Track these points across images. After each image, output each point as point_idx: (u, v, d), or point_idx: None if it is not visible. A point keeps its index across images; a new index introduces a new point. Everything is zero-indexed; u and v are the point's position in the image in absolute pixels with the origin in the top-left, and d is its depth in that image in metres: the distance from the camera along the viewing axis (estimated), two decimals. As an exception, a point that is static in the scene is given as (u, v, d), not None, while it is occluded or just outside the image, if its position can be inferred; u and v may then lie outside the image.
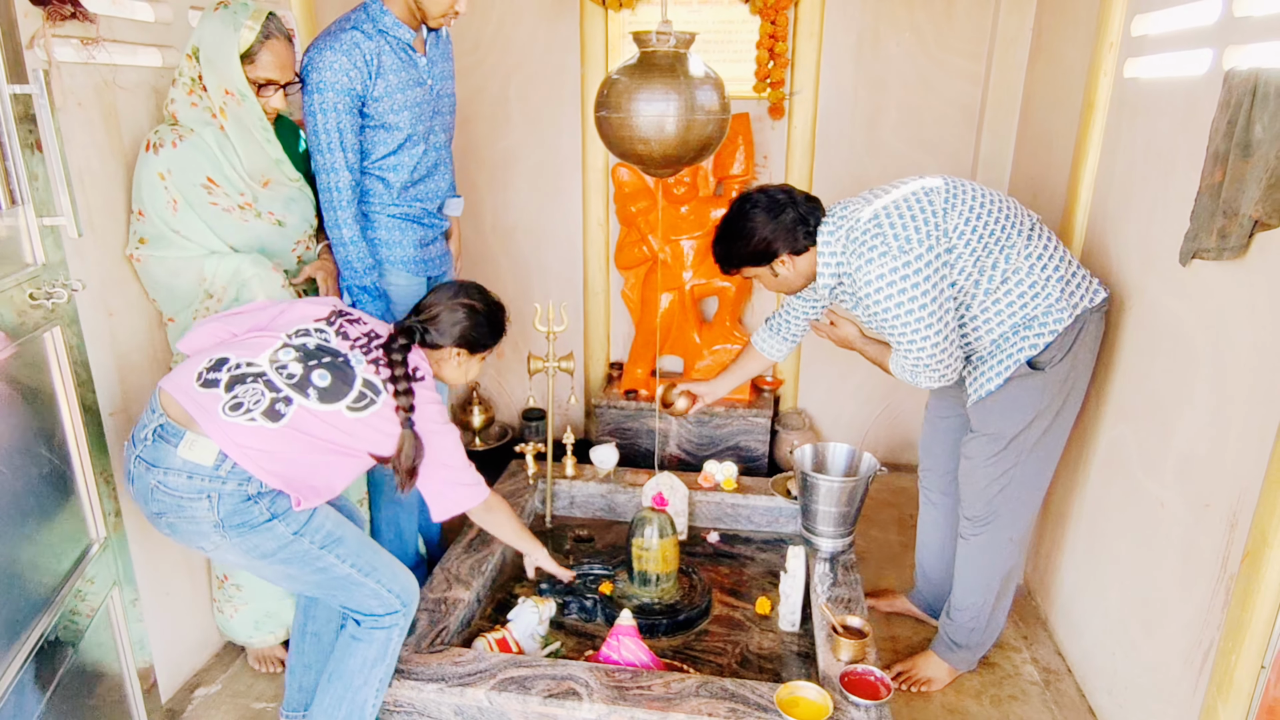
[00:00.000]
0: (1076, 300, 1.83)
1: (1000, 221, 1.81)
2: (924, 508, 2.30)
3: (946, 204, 1.78)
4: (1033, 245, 1.82)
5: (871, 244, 1.75)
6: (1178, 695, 1.66)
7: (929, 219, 1.76)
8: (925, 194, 1.79)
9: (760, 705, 1.70)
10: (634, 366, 3.31)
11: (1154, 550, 1.80)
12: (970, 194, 1.82)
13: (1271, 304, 1.44)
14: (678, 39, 1.95)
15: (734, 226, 1.88)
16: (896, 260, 1.73)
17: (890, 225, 1.75)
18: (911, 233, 1.74)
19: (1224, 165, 1.55)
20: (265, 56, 1.79)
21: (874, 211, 1.78)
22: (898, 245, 1.73)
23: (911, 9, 2.99)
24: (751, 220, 1.86)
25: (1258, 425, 1.45)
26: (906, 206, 1.77)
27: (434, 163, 2.22)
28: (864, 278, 1.77)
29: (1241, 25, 1.60)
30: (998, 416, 1.91)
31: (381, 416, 1.60)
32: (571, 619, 2.24)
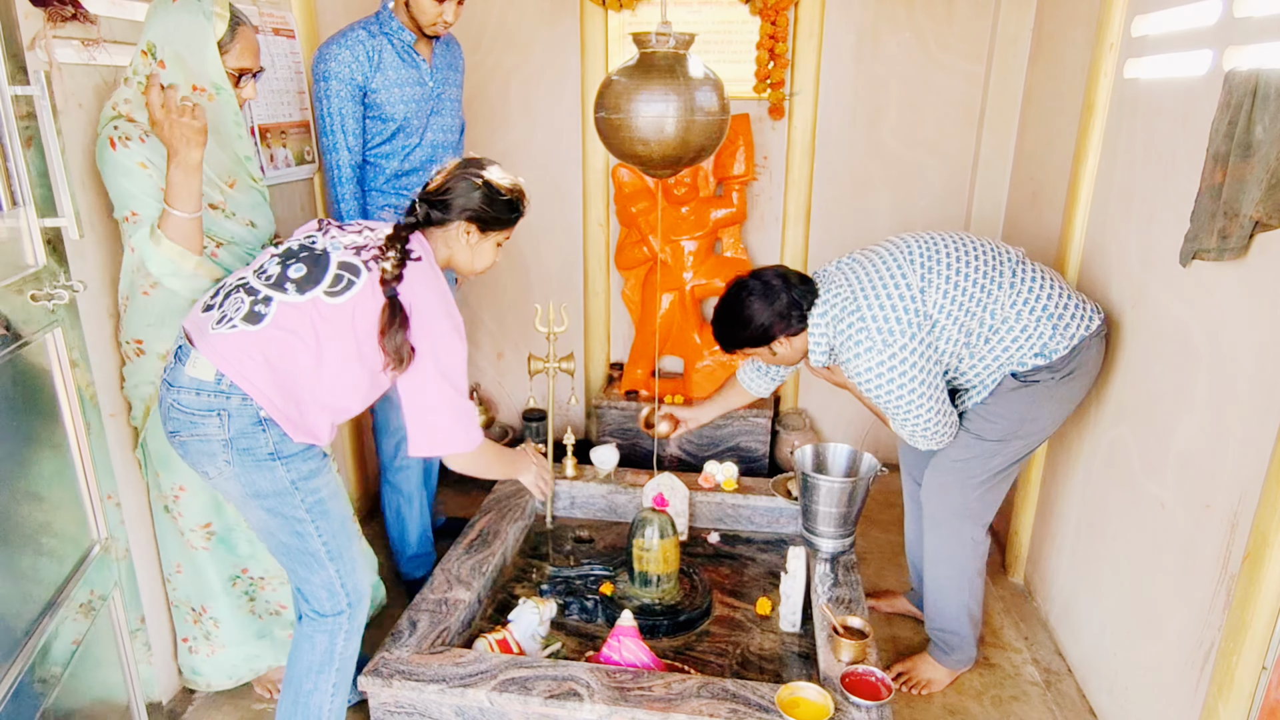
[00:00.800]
0: (1073, 332, 1.87)
1: (979, 281, 1.84)
2: (909, 506, 2.33)
3: (923, 281, 1.83)
4: (1017, 292, 1.85)
5: (857, 339, 1.83)
6: (1178, 696, 1.66)
7: (908, 305, 1.81)
8: (901, 275, 1.84)
9: (761, 706, 1.70)
10: (634, 367, 3.31)
11: (1154, 551, 1.80)
12: (946, 259, 1.85)
13: (1272, 305, 1.44)
14: (677, 40, 1.95)
15: (731, 312, 1.94)
16: (882, 354, 1.80)
17: (873, 318, 1.81)
18: (894, 324, 1.80)
19: (1224, 166, 1.55)
20: (239, 45, 1.71)
21: (855, 303, 1.84)
22: (881, 339, 1.80)
23: (911, 9, 2.99)
24: (748, 307, 1.91)
25: (1258, 426, 1.45)
26: (886, 295, 1.82)
27: (428, 158, 2.37)
28: (853, 369, 1.86)
29: (1242, 26, 1.60)
30: (980, 420, 1.95)
31: (365, 296, 1.50)
32: (572, 620, 2.24)
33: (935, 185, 3.17)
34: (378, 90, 2.20)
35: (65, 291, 1.47)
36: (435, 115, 2.34)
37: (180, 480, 1.80)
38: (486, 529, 2.43)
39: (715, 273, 3.19)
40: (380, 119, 2.24)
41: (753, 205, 3.26)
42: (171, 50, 1.61)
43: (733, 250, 3.24)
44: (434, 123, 2.35)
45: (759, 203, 3.27)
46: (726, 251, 3.25)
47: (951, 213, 3.18)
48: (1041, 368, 1.87)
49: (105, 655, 1.65)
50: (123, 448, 1.84)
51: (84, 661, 1.54)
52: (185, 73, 1.64)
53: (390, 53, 2.21)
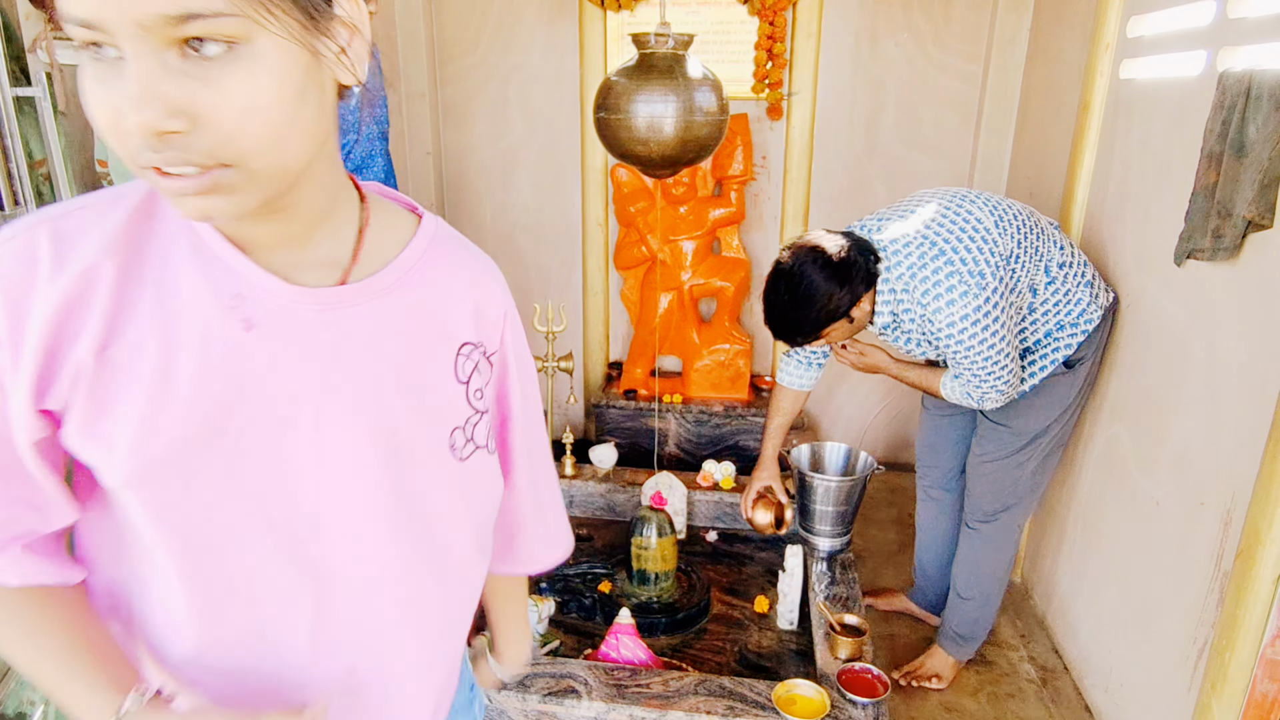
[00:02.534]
0: (1102, 300, 1.88)
1: (1038, 234, 1.79)
2: (924, 505, 2.31)
3: (998, 227, 1.72)
4: (1064, 254, 1.83)
5: (949, 284, 1.66)
6: (1173, 692, 1.67)
7: (993, 248, 1.69)
8: (977, 219, 1.71)
9: (758, 703, 1.71)
10: (633, 366, 3.32)
11: (1149, 548, 1.81)
12: (1008, 211, 1.76)
13: (1264, 304, 1.45)
14: (676, 40, 1.96)
15: (802, 291, 1.71)
16: (977, 299, 1.66)
17: (962, 261, 1.66)
18: (984, 266, 1.66)
19: (1218, 166, 1.56)
20: None
21: (939, 248, 1.69)
22: (976, 283, 1.65)
23: (909, 10, 2.99)
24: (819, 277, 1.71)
25: (1250, 424, 1.46)
26: (969, 237, 1.68)
27: (367, 153, 2.26)
28: (944, 319, 1.69)
29: (1236, 26, 1.61)
30: (1026, 413, 1.93)
31: None
32: (571, 618, 2.25)
33: (933, 184, 3.16)
34: None
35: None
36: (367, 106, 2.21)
37: None
38: (485, 527, 2.44)
39: (714, 272, 3.20)
40: None
41: (751, 205, 3.27)
42: None
43: (731, 250, 3.25)
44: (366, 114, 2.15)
45: (757, 202, 3.28)
46: (725, 251, 3.26)
47: (949, 212, 3.19)
48: (1081, 344, 1.85)
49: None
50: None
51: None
52: None
53: None
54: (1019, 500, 2.02)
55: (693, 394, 3.25)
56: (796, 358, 2.17)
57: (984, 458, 2.01)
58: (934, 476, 2.26)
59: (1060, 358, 1.87)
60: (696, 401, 3.21)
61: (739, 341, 3.23)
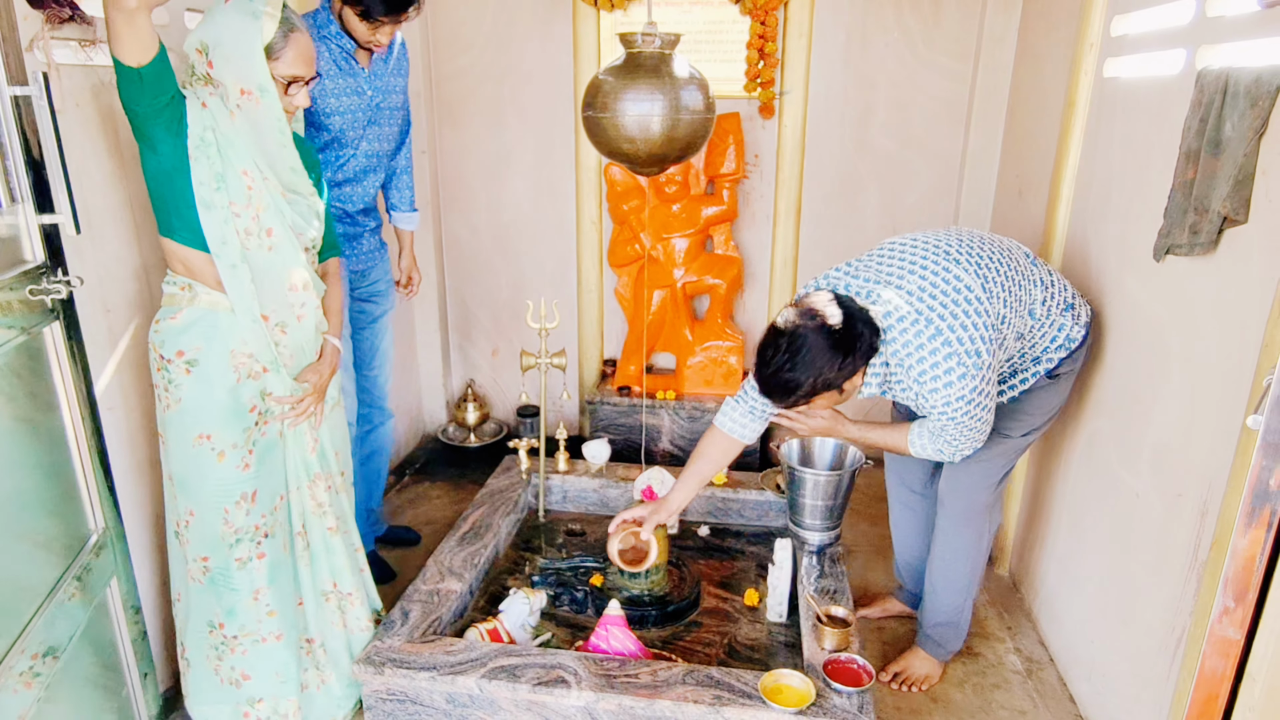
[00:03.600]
0: (1084, 318, 1.90)
1: (1019, 281, 1.80)
2: (898, 511, 2.31)
3: (985, 290, 1.71)
4: (1044, 289, 1.85)
5: (948, 365, 1.67)
6: (1153, 680, 1.69)
7: (985, 319, 1.69)
8: (966, 287, 1.70)
9: (745, 693, 1.74)
10: (627, 363, 3.35)
11: (1131, 540, 1.84)
12: (991, 264, 1.75)
13: (1239, 298, 1.47)
14: (663, 40, 1.98)
15: (805, 360, 1.67)
16: (974, 378, 1.67)
17: (959, 341, 1.66)
18: (980, 343, 1.67)
19: (1196, 163, 1.59)
20: (291, 51, 1.60)
21: (935, 327, 1.67)
22: (973, 362, 1.67)
23: (900, 9, 3.02)
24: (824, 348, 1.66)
25: (1226, 416, 1.48)
26: (964, 311, 1.68)
27: (363, 169, 2.26)
28: (940, 398, 1.70)
29: (1214, 25, 1.63)
30: (1007, 419, 1.95)
31: None
32: (562, 610, 2.27)
33: (923, 182, 3.21)
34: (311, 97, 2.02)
35: (62, 286, 1.50)
36: (373, 125, 2.21)
37: (191, 505, 1.71)
38: (479, 522, 2.47)
39: (706, 270, 3.22)
40: (313, 126, 2.12)
41: (743, 203, 3.29)
42: (221, 52, 1.54)
43: (724, 248, 3.27)
44: (370, 133, 2.21)
45: (750, 200, 3.31)
46: (718, 249, 3.28)
47: (940, 209, 3.22)
48: (1065, 359, 1.88)
49: (104, 644, 1.69)
50: (119, 440, 1.87)
51: (82, 649, 1.58)
52: (234, 74, 1.55)
53: (327, 59, 2.06)
54: (992, 502, 2.04)
55: (686, 390, 3.28)
56: (747, 404, 2.02)
57: (964, 465, 2.00)
58: (907, 479, 2.26)
59: (1043, 370, 1.90)
60: (689, 398, 3.24)
61: (731, 338, 3.26)
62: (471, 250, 3.52)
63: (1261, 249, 1.41)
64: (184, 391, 1.65)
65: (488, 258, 3.52)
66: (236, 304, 1.64)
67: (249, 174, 1.61)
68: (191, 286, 1.66)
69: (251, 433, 1.71)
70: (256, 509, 1.73)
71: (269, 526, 1.77)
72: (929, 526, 2.24)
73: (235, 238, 1.62)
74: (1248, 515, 1.13)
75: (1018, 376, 1.92)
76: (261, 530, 1.75)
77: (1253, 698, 1.19)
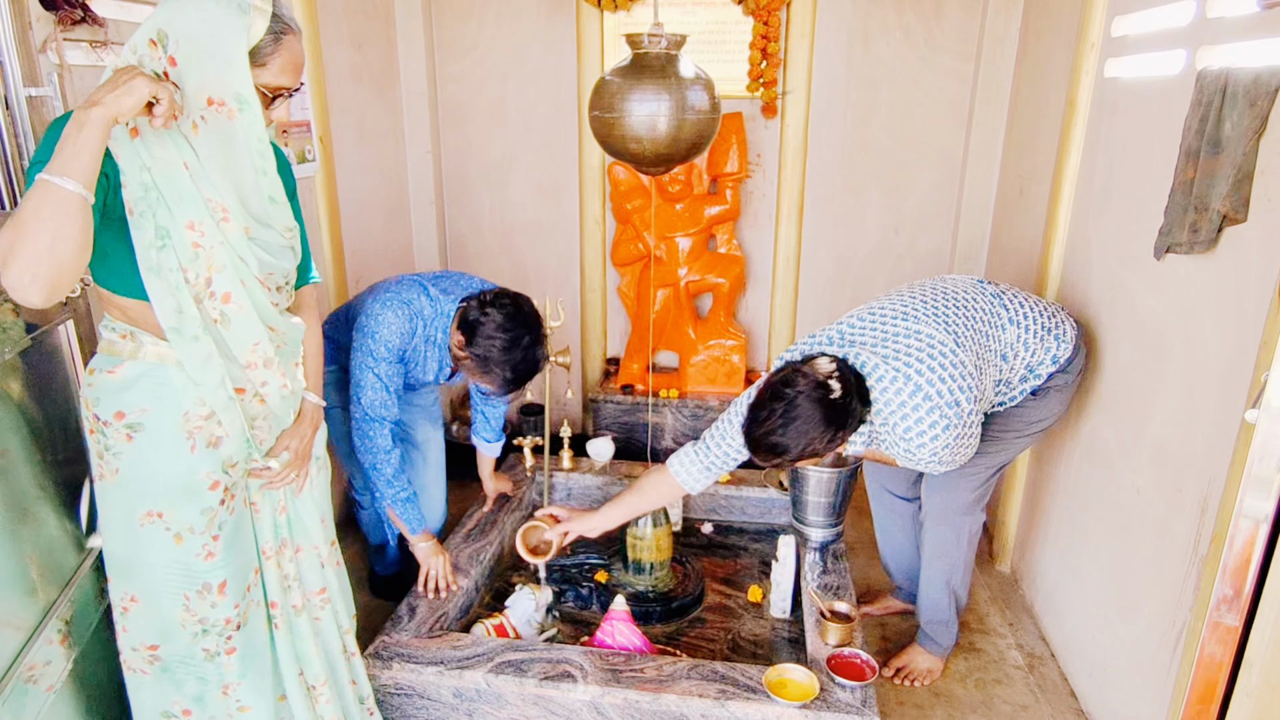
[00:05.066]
0: (1070, 335, 1.93)
1: (990, 334, 1.85)
2: (882, 515, 2.32)
3: (957, 343, 1.76)
4: (1016, 328, 1.88)
5: (931, 420, 1.72)
6: (1153, 675, 1.71)
7: (961, 370, 1.74)
8: (940, 343, 1.75)
9: (749, 687, 1.75)
10: (630, 362, 3.37)
11: (1130, 535, 1.86)
12: (958, 315, 1.81)
13: (1237, 296, 1.49)
14: (669, 41, 2.00)
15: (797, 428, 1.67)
16: (956, 428, 1.74)
17: (939, 394, 1.71)
18: (959, 395, 1.73)
19: (1195, 162, 1.61)
20: (281, 57, 1.29)
21: (914, 383, 1.71)
22: (954, 414, 1.73)
23: (901, 9, 3.04)
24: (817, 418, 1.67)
25: (1225, 412, 1.50)
26: (939, 365, 1.72)
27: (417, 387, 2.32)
28: (928, 452, 1.76)
29: (1214, 26, 1.65)
30: (998, 425, 1.97)
31: None
32: (568, 606, 2.29)
33: (925, 182, 3.23)
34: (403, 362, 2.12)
35: (77, 284, 1.52)
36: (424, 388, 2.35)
37: (135, 590, 1.42)
38: (485, 519, 2.49)
39: (709, 269, 3.24)
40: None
41: (746, 202, 3.31)
42: (190, 48, 1.21)
43: (727, 247, 3.29)
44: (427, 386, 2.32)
45: (752, 200, 3.32)
46: (721, 248, 3.30)
47: (941, 209, 3.23)
48: (1054, 373, 1.92)
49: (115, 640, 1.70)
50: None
51: (93, 644, 1.59)
52: (203, 78, 1.23)
53: (430, 359, 2.15)
54: (978, 501, 2.06)
55: (689, 389, 3.30)
56: (707, 459, 2.02)
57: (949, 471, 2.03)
58: (887, 485, 2.27)
59: (1029, 388, 1.94)
60: (692, 396, 3.26)
61: (734, 337, 3.27)
62: (475, 249, 3.54)
63: (1260, 247, 1.43)
64: (124, 461, 1.34)
65: (491, 257, 3.54)
66: (201, 381, 1.33)
67: (196, 225, 1.26)
68: (134, 335, 1.33)
69: (216, 514, 1.39)
70: (226, 601, 1.42)
71: (240, 616, 1.46)
72: (912, 527, 2.26)
73: (193, 306, 1.29)
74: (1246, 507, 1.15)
75: (1005, 394, 1.95)
76: (233, 623, 1.44)
77: (1250, 684, 1.21)
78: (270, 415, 1.46)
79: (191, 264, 1.26)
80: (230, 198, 1.28)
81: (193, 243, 1.25)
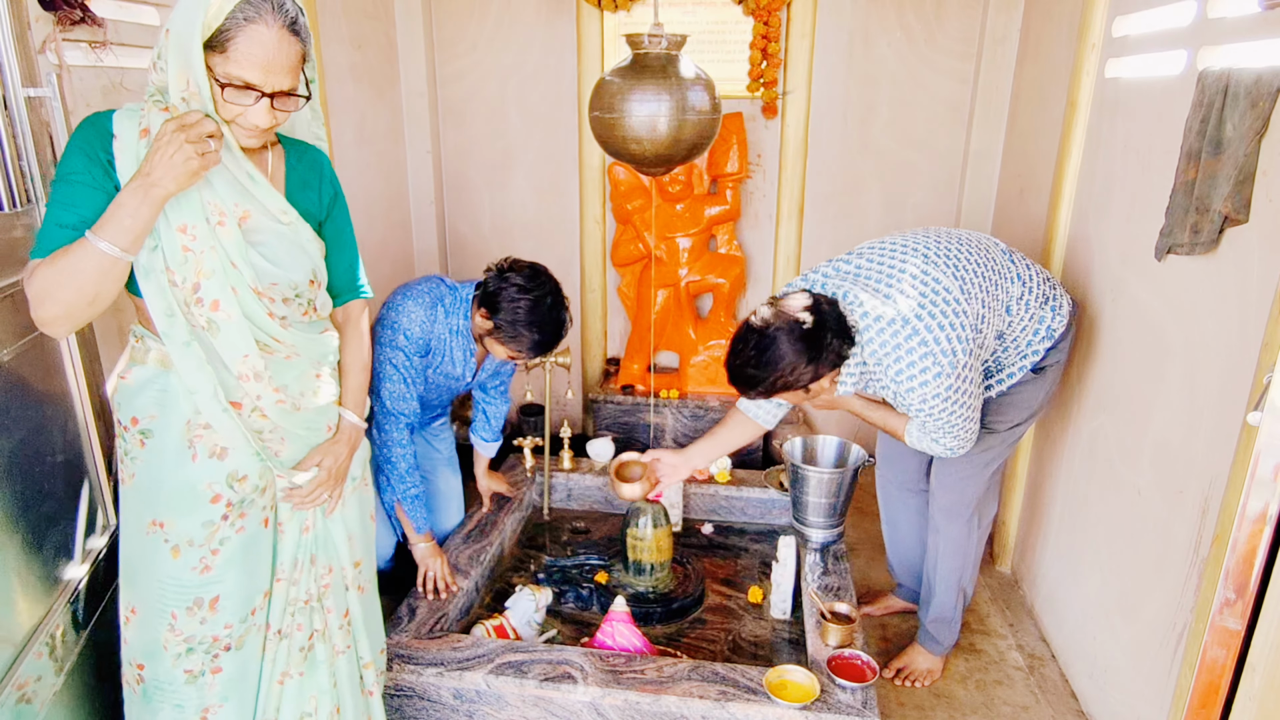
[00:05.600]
0: (1065, 310, 1.92)
1: (996, 280, 1.82)
2: (892, 507, 2.32)
3: (964, 293, 1.74)
4: (1021, 285, 1.87)
5: (924, 365, 1.69)
6: (1154, 676, 1.71)
7: (963, 319, 1.71)
8: (944, 288, 1.73)
9: (750, 688, 1.75)
10: (630, 362, 3.36)
11: (1131, 537, 1.85)
12: (968, 266, 1.78)
13: (1239, 297, 1.49)
14: (669, 41, 2.00)
15: (769, 358, 1.71)
16: (950, 376, 1.70)
17: (935, 342, 1.68)
18: (956, 344, 1.69)
19: (1197, 163, 1.60)
20: (242, 45, 1.16)
21: (911, 327, 1.69)
22: (949, 362, 1.69)
23: (902, 9, 3.03)
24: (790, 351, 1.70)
25: (1226, 413, 1.50)
26: (941, 312, 1.70)
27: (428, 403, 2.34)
28: (917, 396, 1.73)
29: (1215, 26, 1.65)
30: (995, 414, 1.96)
31: None
32: (568, 607, 2.29)
33: (926, 182, 3.22)
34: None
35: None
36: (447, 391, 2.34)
37: (135, 600, 1.39)
38: (485, 520, 2.48)
39: (710, 269, 3.24)
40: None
41: (746, 202, 3.31)
42: (171, 40, 1.18)
43: (727, 247, 3.29)
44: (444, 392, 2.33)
45: (753, 200, 3.32)
46: (721, 248, 3.30)
47: (942, 209, 3.23)
48: (1050, 350, 1.90)
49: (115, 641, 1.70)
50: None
51: (93, 644, 1.59)
52: (176, 67, 1.19)
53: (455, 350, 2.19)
54: (984, 497, 2.05)
55: (689, 389, 3.30)
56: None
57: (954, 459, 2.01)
58: (899, 479, 2.27)
59: (1029, 364, 1.92)
60: (693, 396, 3.26)
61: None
62: (475, 249, 3.54)
63: (1262, 248, 1.43)
64: (139, 466, 1.34)
65: (491, 257, 3.47)
66: (195, 389, 1.29)
67: (189, 229, 1.23)
68: (145, 339, 1.33)
69: (218, 529, 1.34)
70: (217, 618, 1.36)
71: (234, 638, 1.39)
72: (920, 523, 2.26)
73: (180, 311, 1.25)
74: (1248, 509, 1.14)
75: (1004, 371, 1.93)
76: (222, 643, 1.38)
77: (1253, 687, 1.21)
78: (280, 429, 1.39)
79: (180, 268, 1.23)
80: (227, 199, 1.25)
81: (183, 246, 1.23)
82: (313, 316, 1.43)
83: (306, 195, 1.41)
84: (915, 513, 2.27)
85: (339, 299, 1.52)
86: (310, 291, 1.40)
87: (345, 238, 1.49)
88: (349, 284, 1.53)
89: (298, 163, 1.41)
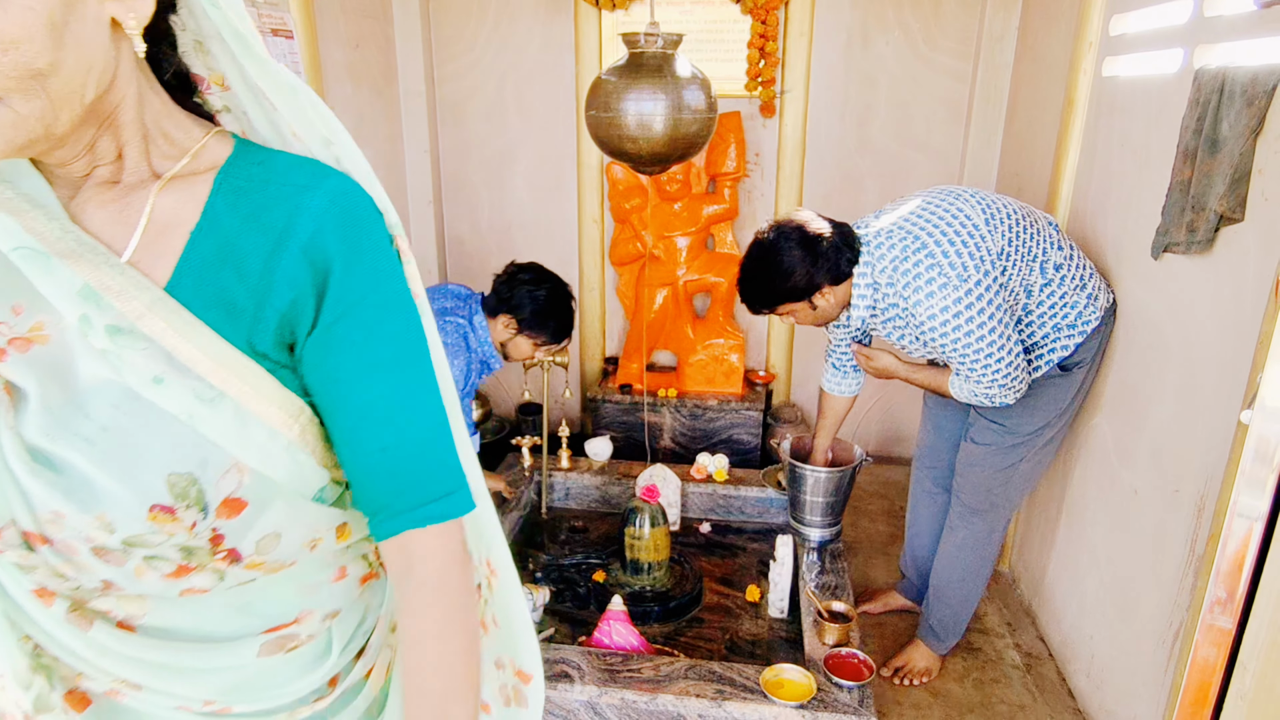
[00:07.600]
0: (1101, 302, 1.89)
1: (1033, 233, 1.81)
2: (919, 499, 2.32)
3: (988, 225, 1.73)
4: (1061, 254, 1.85)
5: (929, 276, 1.67)
6: (1150, 675, 1.71)
7: (979, 243, 1.70)
8: (965, 215, 1.73)
9: (747, 687, 1.75)
10: (629, 361, 3.36)
11: (1128, 536, 1.85)
12: (1003, 210, 1.78)
13: (1235, 296, 1.49)
14: (665, 40, 2.00)
15: (768, 262, 1.75)
16: (958, 290, 1.67)
17: (944, 254, 1.67)
18: (966, 259, 1.67)
19: (1193, 161, 1.60)
20: None
21: (920, 241, 1.70)
22: (956, 275, 1.66)
23: (900, 8, 3.03)
24: (789, 254, 1.76)
25: (1222, 412, 1.50)
26: (954, 231, 1.70)
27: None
28: (925, 311, 1.70)
29: (1211, 25, 1.64)
30: (1019, 412, 1.94)
31: None
32: (565, 606, 2.29)
33: (924, 181, 3.22)
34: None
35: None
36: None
37: None
38: (482, 519, 2.48)
39: (707, 268, 3.24)
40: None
41: (744, 202, 3.31)
42: None
43: (725, 246, 3.29)
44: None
45: (750, 199, 3.32)
46: (719, 247, 3.30)
47: (940, 208, 3.23)
48: (1079, 345, 1.86)
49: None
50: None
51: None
52: None
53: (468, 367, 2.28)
54: (1005, 499, 2.03)
55: (687, 388, 3.30)
56: (832, 362, 2.24)
57: (974, 452, 2.02)
58: (934, 475, 2.26)
59: (1056, 359, 1.88)
60: (691, 396, 3.26)
61: (732, 336, 3.27)
62: (473, 248, 3.54)
63: (1257, 247, 1.43)
64: None
65: (490, 256, 3.54)
66: None
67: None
68: None
69: None
70: None
71: None
72: (941, 521, 2.26)
73: None
74: (1239, 507, 1.14)
75: (1030, 357, 1.89)
76: None
77: (1244, 686, 1.21)
78: None
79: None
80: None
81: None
82: (227, 572, 0.69)
83: (223, 278, 0.66)
84: (938, 507, 2.27)
85: (382, 522, 0.70)
86: (212, 518, 0.65)
87: (379, 384, 0.70)
88: (402, 490, 0.70)
89: (231, 209, 0.67)
